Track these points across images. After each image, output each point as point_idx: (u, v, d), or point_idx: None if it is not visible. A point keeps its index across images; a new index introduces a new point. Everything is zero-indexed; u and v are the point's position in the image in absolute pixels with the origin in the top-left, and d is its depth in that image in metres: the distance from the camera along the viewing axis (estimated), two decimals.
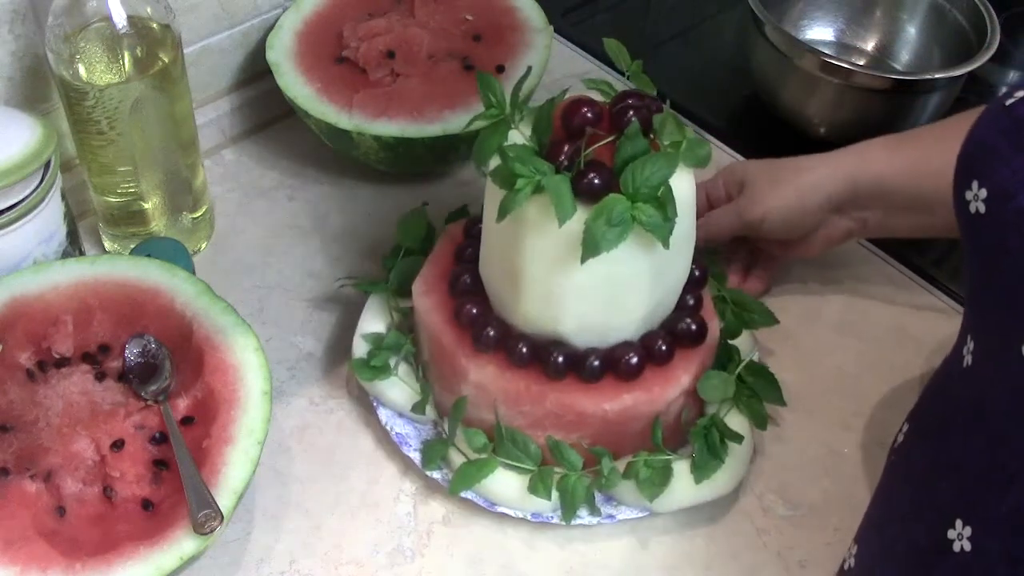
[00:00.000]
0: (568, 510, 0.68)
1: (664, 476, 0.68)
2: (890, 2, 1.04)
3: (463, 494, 0.69)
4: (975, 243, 0.51)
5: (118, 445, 0.66)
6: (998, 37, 0.92)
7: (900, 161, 0.75)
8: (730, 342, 0.75)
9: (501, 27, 0.92)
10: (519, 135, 0.65)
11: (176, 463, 0.65)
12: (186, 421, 0.68)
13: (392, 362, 0.73)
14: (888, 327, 0.84)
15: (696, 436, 0.70)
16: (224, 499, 0.63)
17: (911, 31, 1.04)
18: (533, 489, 0.68)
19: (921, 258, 0.89)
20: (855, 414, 0.77)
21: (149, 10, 0.72)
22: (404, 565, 0.68)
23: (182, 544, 0.62)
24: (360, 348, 0.74)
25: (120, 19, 0.71)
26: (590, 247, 0.60)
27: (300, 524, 0.69)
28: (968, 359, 0.52)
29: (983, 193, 0.48)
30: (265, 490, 0.71)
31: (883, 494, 0.60)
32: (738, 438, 0.70)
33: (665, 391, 0.68)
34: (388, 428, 0.72)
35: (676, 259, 0.67)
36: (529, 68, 0.72)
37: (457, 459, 0.69)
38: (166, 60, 0.74)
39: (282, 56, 0.88)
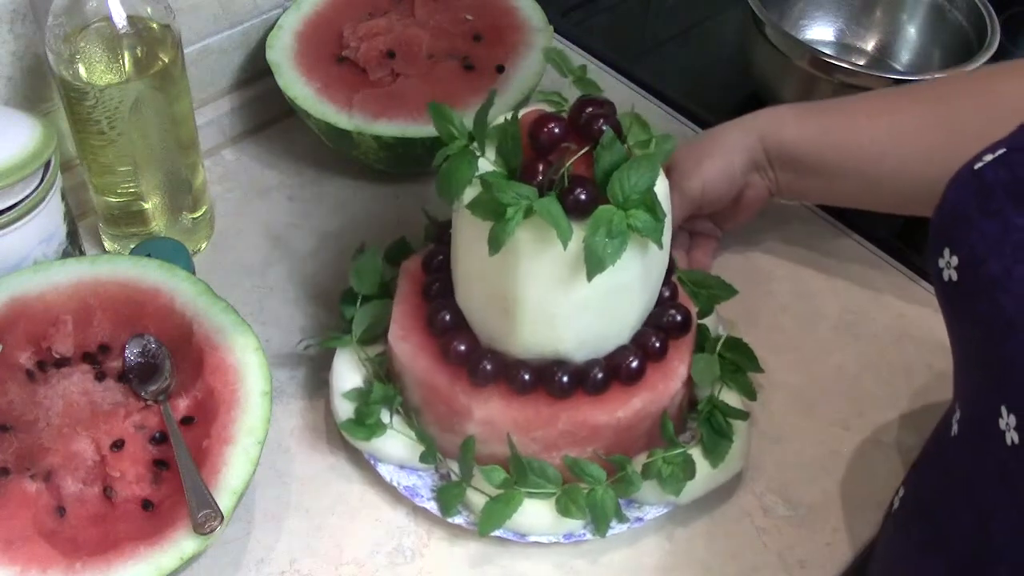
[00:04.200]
0: (601, 524, 0.66)
1: (687, 469, 0.67)
2: (890, 2, 1.04)
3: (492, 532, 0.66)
4: (951, 312, 0.50)
5: (118, 445, 0.66)
6: (998, 37, 0.92)
7: (805, 129, 0.77)
8: (699, 322, 0.75)
9: (501, 27, 0.92)
10: (484, 162, 0.63)
11: (176, 463, 0.65)
12: (186, 421, 0.68)
13: (385, 417, 0.70)
14: (888, 327, 0.84)
15: (701, 422, 0.70)
16: (224, 499, 0.63)
17: (911, 31, 1.04)
18: (565, 511, 0.66)
19: (921, 258, 0.89)
20: (855, 414, 0.77)
21: (149, 10, 0.72)
22: (404, 565, 0.68)
23: (182, 544, 0.62)
24: (344, 409, 0.70)
25: (120, 19, 0.71)
26: (595, 263, 0.59)
27: (300, 524, 0.69)
28: (955, 428, 0.50)
29: (955, 260, 0.47)
30: (265, 490, 0.71)
31: (884, 563, 0.60)
32: (742, 415, 0.70)
33: (668, 386, 0.68)
34: (395, 484, 0.69)
35: (662, 256, 0.67)
36: (494, 91, 0.66)
37: (475, 499, 0.67)
38: (166, 60, 0.74)
39: (282, 56, 0.88)
